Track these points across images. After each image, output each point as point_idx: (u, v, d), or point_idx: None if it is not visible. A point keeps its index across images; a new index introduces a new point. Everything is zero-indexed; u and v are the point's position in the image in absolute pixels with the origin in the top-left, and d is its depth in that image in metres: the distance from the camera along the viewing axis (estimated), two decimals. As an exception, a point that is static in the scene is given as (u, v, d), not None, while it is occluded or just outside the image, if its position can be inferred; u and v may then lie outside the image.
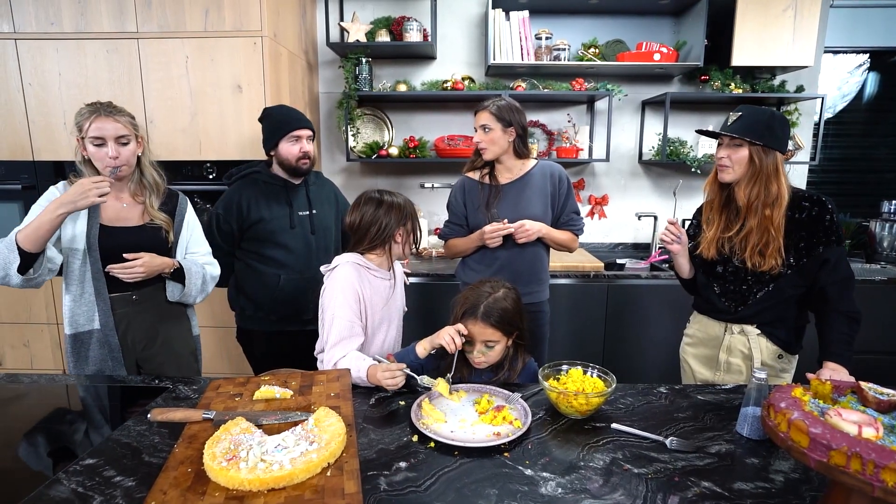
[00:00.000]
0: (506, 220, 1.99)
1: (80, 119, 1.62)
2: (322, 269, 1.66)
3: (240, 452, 0.96)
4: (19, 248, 1.49)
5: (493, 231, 1.98)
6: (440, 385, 1.35)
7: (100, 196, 1.50)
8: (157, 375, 1.56)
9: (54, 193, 1.65)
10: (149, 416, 1.14)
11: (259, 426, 1.10)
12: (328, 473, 0.95)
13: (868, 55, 3.48)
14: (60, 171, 2.62)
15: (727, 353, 1.73)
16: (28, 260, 1.51)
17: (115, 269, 1.62)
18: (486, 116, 1.98)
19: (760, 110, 1.56)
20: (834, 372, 1.53)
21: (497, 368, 1.55)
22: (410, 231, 1.66)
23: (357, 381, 1.44)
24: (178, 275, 1.76)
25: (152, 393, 1.41)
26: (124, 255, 1.63)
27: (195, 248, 1.88)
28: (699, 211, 1.84)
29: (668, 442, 1.15)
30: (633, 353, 2.88)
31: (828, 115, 3.53)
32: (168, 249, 1.78)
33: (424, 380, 1.37)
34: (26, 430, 1.25)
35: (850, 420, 0.84)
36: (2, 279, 1.53)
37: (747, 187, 1.57)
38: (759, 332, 1.68)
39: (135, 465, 1.05)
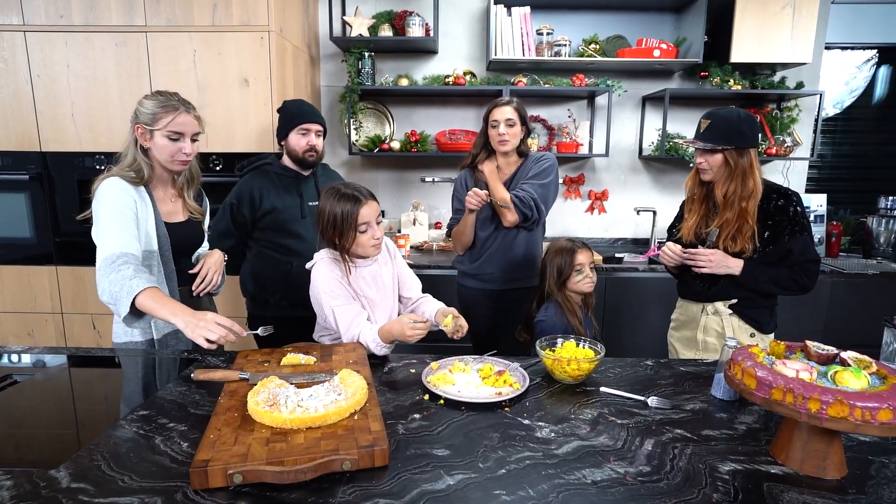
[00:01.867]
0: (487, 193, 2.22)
1: (159, 110, 1.68)
2: (307, 265, 1.84)
3: (279, 400, 1.21)
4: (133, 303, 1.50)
5: (474, 195, 2.19)
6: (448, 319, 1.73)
7: (206, 344, 1.43)
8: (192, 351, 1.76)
9: (122, 194, 1.66)
10: (192, 375, 1.38)
11: (290, 384, 1.35)
12: (356, 417, 1.19)
13: (876, 51, 3.74)
14: (68, 161, 2.85)
15: (703, 332, 1.99)
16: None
17: (202, 290, 1.84)
18: (510, 111, 2.24)
19: (727, 115, 1.84)
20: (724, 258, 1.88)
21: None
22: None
23: (374, 350, 1.67)
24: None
25: (183, 365, 1.65)
26: (189, 272, 1.83)
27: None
28: (684, 203, 2.11)
29: (648, 401, 1.40)
30: (628, 343, 3.14)
31: (835, 110, 3.79)
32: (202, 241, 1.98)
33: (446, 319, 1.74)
34: (78, 392, 1.50)
35: (792, 368, 1.09)
36: (108, 304, 1.55)
37: (724, 185, 1.87)
38: (730, 311, 1.95)
39: (183, 415, 1.29)
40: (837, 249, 3.44)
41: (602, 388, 1.48)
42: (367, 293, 1.84)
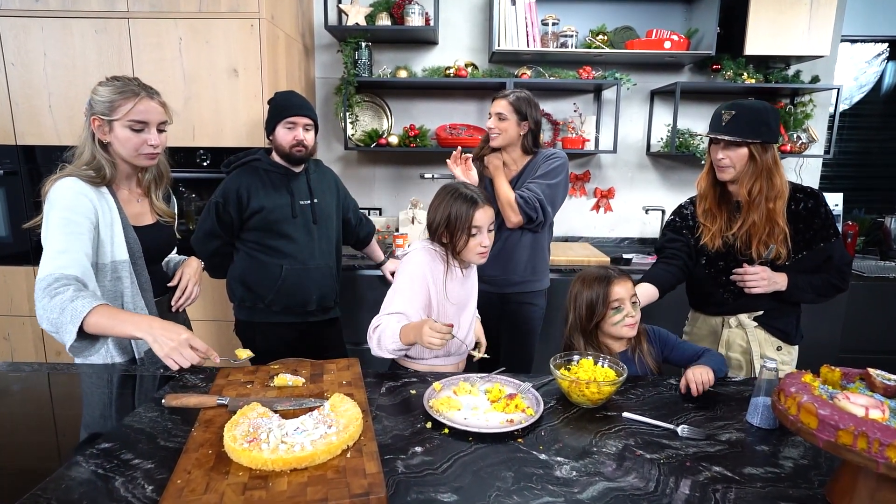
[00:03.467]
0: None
1: (117, 97, 1.48)
2: (398, 252, 1.76)
3: (260, 435, 1.04)
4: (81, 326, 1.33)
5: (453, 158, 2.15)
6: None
7: (173, 364, 1.32)
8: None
9: (77, 199, 1.46)
10: (163, 401, 1.21)
11: (275, 412, 1.18)
12: (348, 455, 1.03)
13: (887, 44, 3.58)
14: (46, 155, 2.67)
15: (726, 347, 1.83)
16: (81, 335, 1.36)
17: (181, 304, 1.70)
18: (503, 105, 2.10)
19: (754, 106, 1.65)
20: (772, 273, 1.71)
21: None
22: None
23: (389, 348, 1.53)
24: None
25: (161, 383, 1.48)
26: (168, 284, 1.68)
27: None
28: (689, 204, 1.92)
29: (679, 430, 1.23)
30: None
31: (843, 106, 3.63)
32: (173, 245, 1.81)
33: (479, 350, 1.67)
34: (33, 416, 1.33)
35: (858, 403, 0.93)
36: (50, 332, 1.37)
37: (748, 183, 1.67)
38: (755, 324, 1.78)
39: (151, 448, 1.12)
40: (853, 251, 3.29)
41: (625, 414, 1.32)
42: (456, 299, 1.73)
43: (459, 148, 2.23)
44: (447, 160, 2.19)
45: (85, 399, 1.46)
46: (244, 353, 1.52)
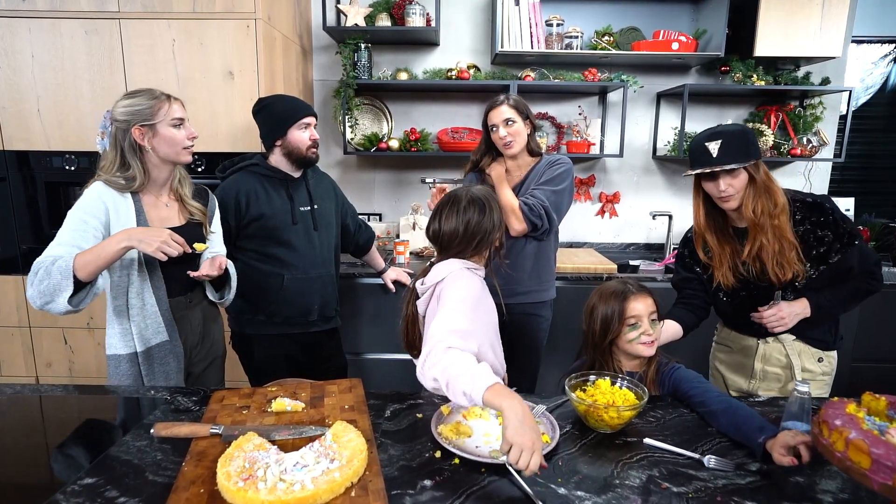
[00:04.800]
0: None
1: (154, 102, 1.61)
2: (427, 280, 1.51)
3: (256, 471, 0.96)
4: (74, 276, 1.43)
5: None
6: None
7: (163, 255, 1.47)
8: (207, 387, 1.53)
9: (94, 201, 1.56)
10: (152, 431, 1.13)
11: (272, 442, 1.09)
12: (353, 493, 0.94)
13: (894, 45, 3.51)
14: (36, 161, 2.58)
15: (763, 361, 1.75)
16: (78, 287, 1.46)
17: (198, 274, 1.65)
18: (507, 110, 2.02)
19: (733, 129, 1.57)
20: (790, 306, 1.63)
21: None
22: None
23: (460, 395, 1.12)
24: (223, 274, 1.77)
25: (137, 404, 1.39)
26: (189, 273, 1.64)
27: (216, 249, 1.87)
28: (688, 240, 1.84)
29: (705, 460, 1.15)
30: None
31: (845, 108, 3.56)
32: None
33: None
34: (11, 447, 1.24)
35: (912, 438, 0.85)
36: (44, 304, 1.45)
37: (752, 204, 1.58)
38: (794, 337, 1.70)
39: (139, 484, 1.04)
40: (865, 257, 3.21)
41: (646, 440, 1.23)
42: (489, 314, 1.57)
43: (437, 187, 2.20)
44: (427, 201, 2.06)
45: (79, 424, 1.37)
46: (202, 247, 1.68)
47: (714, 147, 1.55)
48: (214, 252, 1.83)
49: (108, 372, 1.65)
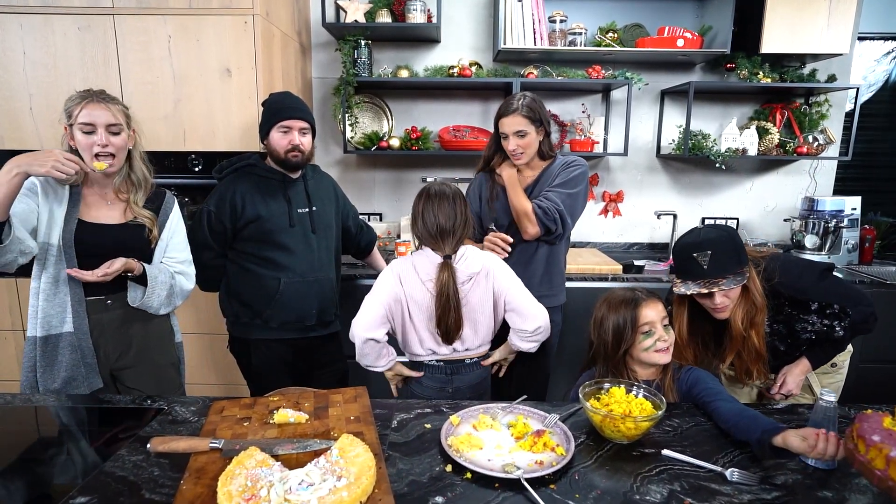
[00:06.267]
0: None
1: (70, 105, 1.63)
2: (469, 268, 1.68)
3: (259, 490, 0.90)
4: None
5: (494, 239, 1.96)
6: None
7: (60, 173, 1.47)
8: (142, 394, 1.50)
9: (33, 180, 1.60)
10: (149, 446, 1.07)
11: (275, 457, 1.04)
12: (361, 514, 0.89)
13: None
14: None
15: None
16: None
17: (77, 274, 1.58)
18: (520, 121, 1.94)
19: (721, 237, 1.49)
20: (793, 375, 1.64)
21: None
22: None
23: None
24: (142, 279, 1.71)
25: (132, 414, 1.34)
26: (68, 270, 1.61)
27: (173, 254, 1.83)
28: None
29: (728, 473, 1.10)
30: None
31: (850, 105, 3.51)
32: (150, 250, 1.76)
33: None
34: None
35: (954, 455, 0.80)
36: None
37: (741, 313, 1.53)
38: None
39: (134, 503, 0.98)
40: (871, 256, 3.17)
41: (665, 452, 1.18)
42: None
43: (498, 236, 2.02)
44: (485, 241, 2.01)
45: (67, 437, 1.32)
46: (101, 165, 1.64)
47: (703, 260, 1.45)
48: (171, 256, 1.82)
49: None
